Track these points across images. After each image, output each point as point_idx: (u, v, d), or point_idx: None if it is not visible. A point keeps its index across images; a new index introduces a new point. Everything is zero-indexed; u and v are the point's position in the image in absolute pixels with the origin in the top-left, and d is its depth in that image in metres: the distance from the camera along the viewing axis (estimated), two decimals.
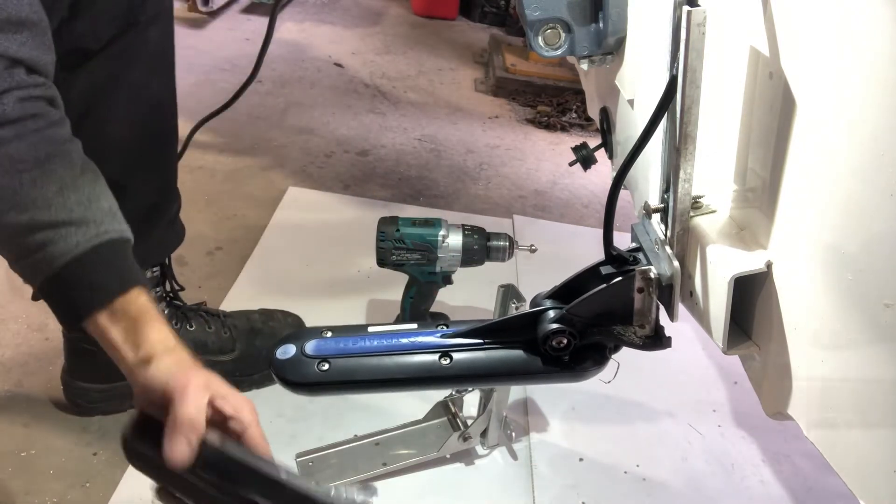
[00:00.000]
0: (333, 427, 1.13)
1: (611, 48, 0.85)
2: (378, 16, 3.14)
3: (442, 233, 1.19)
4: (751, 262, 0.64)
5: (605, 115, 1.08)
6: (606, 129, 1.08)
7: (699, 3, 0.58)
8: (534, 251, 1.26)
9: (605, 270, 0.75)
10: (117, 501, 0.98)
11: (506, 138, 2.24)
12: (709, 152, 0.68)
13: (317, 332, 0.79)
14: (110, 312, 0.69)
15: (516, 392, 1.23)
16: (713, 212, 0.70)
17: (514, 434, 1.14)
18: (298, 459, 1.06)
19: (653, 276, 0.70)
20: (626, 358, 0.77)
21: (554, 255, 1.54)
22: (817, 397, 0.61)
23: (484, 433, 1.11)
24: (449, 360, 0.76)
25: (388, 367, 0.76)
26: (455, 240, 1.19)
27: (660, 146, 0.68)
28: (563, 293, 0.78)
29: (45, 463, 1.02)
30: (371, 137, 2.11)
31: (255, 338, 1.19)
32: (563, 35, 0.84)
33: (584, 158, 1.25)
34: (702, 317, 0.69)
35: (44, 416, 1.08)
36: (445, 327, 0.79)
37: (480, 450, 1.14)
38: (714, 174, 0.71)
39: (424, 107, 2.37)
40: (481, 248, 1.20)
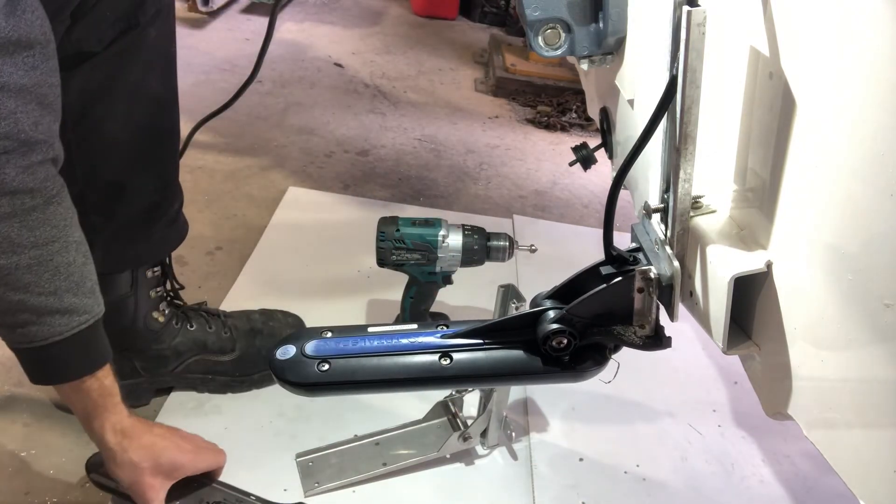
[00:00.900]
0: (333, 427, 1.13)
1: (611, 48, 0.85)
2: (378, 16, 3.14)
3: (442, 233, 1.19)
4: (751, 262, 0.64)
5: (605, 115, 1.08)
6: (606, 129, 1.08)
7: (699, 3, 0.58)
8: (534, 251, 1.26)
9: (605, 270, 0.75)
10: (117, 501, 0.98)
11: (506, 138, 2.24)
12: (709, 152, 0.68)
13: (317, 332, 0.79)
14: (76, 388, 0.80)
15: (516, 392, 1.23)
16: (713, 212, 0.70)
17: (514, 434, 1.14)
18: (298, 459, 1.06)
19: (653, 276, 0.70)
20: (626, 358, 0.77)
21: (554, 255, 1.55)
22: (817, 397, 0.61)
23: (484, 433, 1.11)
24: (449, 361, 0.76)
25: (388, 368, 0.76)
26: (455, 240, 1.19)
27: (660, 146, 0.68)
28: (563, 293, 0.77)
29: (45, 463, 1.02)
30: (371, 137, 2.11)
31: (255, 338, 1.19)
32: (563, 35, 0.83)
33: (584, 158, 1.25)
34: (702, 317, 0.69)
35: (44, 416, 1.08)
36: (445, 327, 0.79)
37: (480, 450, 1.14)
38: (714, 174, 0.71)
39: (424, 107, 2.37)
40: (481, 248, 1.20)
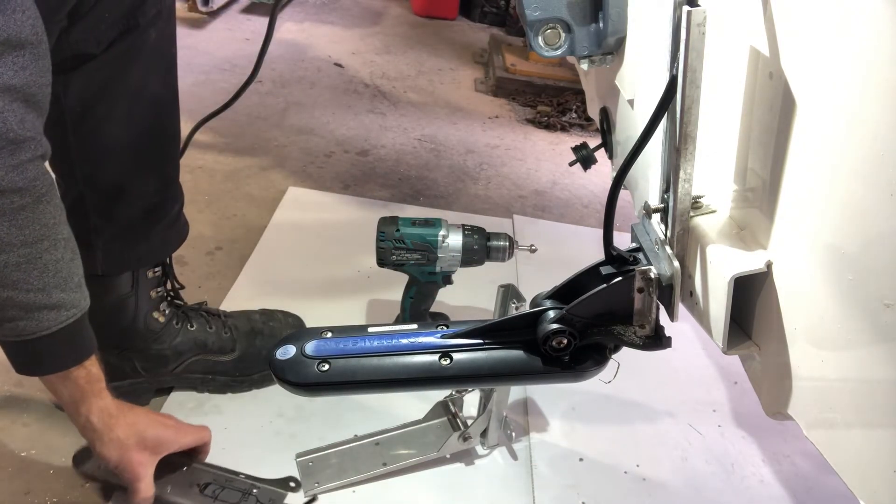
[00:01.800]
0: (333, 427, 1.13)
1: (611, 48, 0.85)
2: (378, 16, 3.14)
3: (442, 233, 1.18)
4: (751, 262, 0.64)
5: (605, 115, 1.08)
6: (606, 129, 1.08)
7: (699, 3, 0.58)
8: (534, 251, 1.26)
9: (605, 270, 0.75)
10: (117, 501, 0.98)
11: (506, 138, 2.24)
12: (709, 152, 0.68)
13: (317, 332, 0.79)
14: (63, 377, 0.81)
15: (516, 392, 1.23)
16: (713, 212, 0.70)
17: (514, 434, 1.14)
18: (298, 459, 1.06)
19: (653, 276, 0.70)
20: (626, 358, 0.77)
21: (554, 255, 1.55)
22: (817, 397, 0.61)
23: (484, 433, 1.11)
24: (449, 361, 0.76)
25: (389, 368, 0.76)
26: (455, 240, 1.19)
27: (660, 146, 0.68)
28: (563, 293, 0.77)
29: (45, 463, 1.02)
30: (371, 137, 2.11)
31: (255, 338, 1.19)
32: (563, 35, 0.83)
33: (584, 158, 1.25)
34: (702, 317, 0.69)
35: (44, 416, 1.08)
36: (445, 327, 0.79)
37: (480, 450, 1.14)
38: (714, 174, 0.71)
39: (424, 107, 2.37)
40: (481, 248, 1.20)
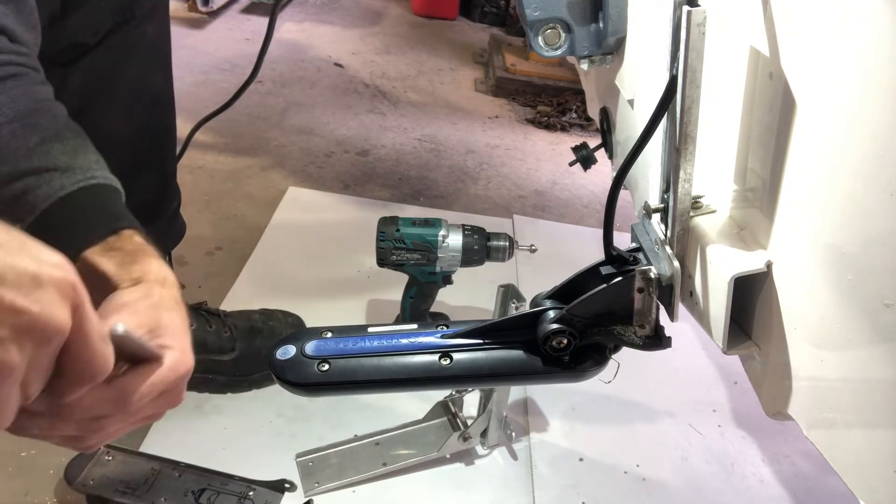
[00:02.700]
0: (333, 427, 1.13)
1: (611, 48, 0.85)
2: (378, 16, 3.14)
3: (442, 233, 1.18)
4: (751, 261, 0.63)
5: (605, 115, 1.08)
6: (606, 129, 1.08)
7: (699, 3, 0.58)
8: (534, 251, 1.26)
9: (605, 270, 0.75)
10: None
11: (506, 138, 2.24)
12: (709, 152, 0.68)
13: (317, 332, 0.79)
14: (104, 248, 0.62)
15: (516, 392, 1.23)
16: (713, 212, 0.70)
17: (514, 434, 1.14)
18: (298, 459, 1.06)
19: (653, 276, 0.70)
20: (626, 358, 0.77)
21: (554, 255, 1.55)
22: (817, 397, 0.61)
23: (484, 433, 1.11)
24: (449, 361, 0.76)
25: (388, 368, 0.76)
26: (455, 240, 1.19)
27: (660, 146, 0.68)
28: (563, 293, 0.77)
29: (45, 463, 1.02)
30: (371, 137, 2.11)
31: (255, 337, 1.19)
32: (563, 35, 0.83)
33: (584, 158, 1.25)
34: (702, 317, 0.69)
35: None
36: (445, 327, 0.78)
37: (480, 450, 1.14)
38: (714, 174, 0.71)
39: (424, 107, 2.37)
40: (481, 248, 1.20)
